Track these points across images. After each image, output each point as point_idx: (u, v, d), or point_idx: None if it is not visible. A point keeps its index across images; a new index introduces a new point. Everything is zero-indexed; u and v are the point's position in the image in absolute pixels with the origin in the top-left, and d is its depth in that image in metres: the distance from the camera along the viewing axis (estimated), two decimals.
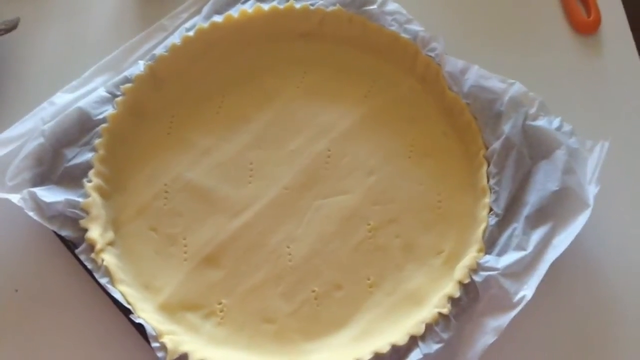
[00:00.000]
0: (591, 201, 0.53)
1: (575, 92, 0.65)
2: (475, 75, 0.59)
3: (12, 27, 0.62)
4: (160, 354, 0.49)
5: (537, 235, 0.53)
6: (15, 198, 0.55)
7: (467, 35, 0.68)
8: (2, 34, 0.61)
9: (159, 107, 0.62)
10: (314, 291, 0.55)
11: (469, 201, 0.58)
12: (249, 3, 0.64)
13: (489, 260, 0.53)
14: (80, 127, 0.59)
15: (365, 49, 0.64)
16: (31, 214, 0.54)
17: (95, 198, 0.55)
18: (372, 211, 0.58)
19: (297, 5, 0.63)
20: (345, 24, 0.64)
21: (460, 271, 0.53)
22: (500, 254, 0.53)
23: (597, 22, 0.68)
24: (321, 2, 0.64)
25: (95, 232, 0.54)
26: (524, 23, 0.69)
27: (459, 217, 0.57)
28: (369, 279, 0.55)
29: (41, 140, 0.57)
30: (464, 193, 0.58)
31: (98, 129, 0.58)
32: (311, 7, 0.63)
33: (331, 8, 0.63)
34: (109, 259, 0.53)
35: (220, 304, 0.54)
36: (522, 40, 0.68)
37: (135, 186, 0.58)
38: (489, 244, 0.54)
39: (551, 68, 0.66)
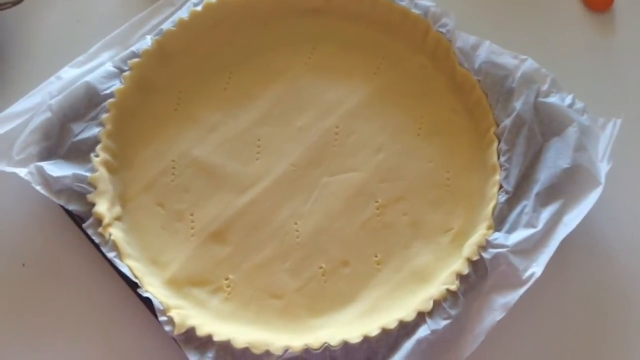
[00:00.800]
0: (603, 179, 0.52)
1: (588, 69, 0.65)
2: (487, 51, 0.58)
3: (18, 0, 0.62)
4: (167, 328, 0.49)
5: (547, 213, 0.53)
6: (22, 172, 0.55)
7: (478, 11, 0.67)
8: (9, 7, 0.61)
9: (166, 83, 0.61)
10: (321, 267, 0.55)
11: (479, 179, 0.57)
12: None
13: (498, 237, 0.52)
14: (88, 102, 0.58)
15: (374, 25, 0.63)
16: (38, 188, 0.54)
17: (102, 172, 0.55)
18: (380, 189, 0.57)
19: None
20: (354, 0, 0.63)
21: (469, 248, 0.52)
22: (509, 232, 0.53)
23: None
24: None
25: (103, 207, 0.54)
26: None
27: (468, 194, 0.57)
28: (376, 256, 0.55)
29: (48, 114, 0.57)
30: (474, 171, 0.58)
31: (105, 103, 0.58)
32: None
33: None
34: (116, 233, 0.53)
35: (227, 279, 0.54)
36: (534, 17, 0.67)
37: (143, 161, 0.58)
38: (499, 222, 0.54)
39: (563, 45, 0.65)
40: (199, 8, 0.62)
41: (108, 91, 0.59)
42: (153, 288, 0.52)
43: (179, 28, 0.61)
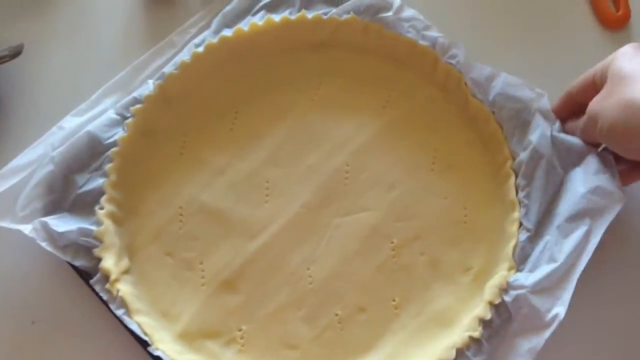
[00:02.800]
0: (622, 196, 0.50)
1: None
2: (503, 83, 0.56)
3: (16, 53, 0.60)
4: None
5: (570, 243, 0.50)
6: (27, 229, 0.53)
7: (490, 30, 0.65)
8: (7, 61, 0.60)
9: (170, 127, 0.60)
10: (337, 315, 0.53)
11: (497, 215, 0.55)
12: (259, 15, 0.62)
13: (519, 277, 0.50)
14: (91, 152, 0.57)
15: (382, 57, 0.62)
16: (43, 244, 0.53)
17: (108, 225, 0.54)
18: (395, 228, 0.55)
19: (309, 15, 0.61)
20: (360, 32, 0.61)
21: (489, 290, 0.50)
22: (532, 270, 0.51)
23: (627, 16, 0.65)
24: (334, 11, 0.61)
25: (110, 262, 0.52)
26: (550, 18, 0.66)
27: (487, 231, 0.55)
28: (394, 300, 0.53)
29: (51, 167, 0.56)
30: (491, 206, 0.56)
31: (109, 153, 0.57)
32: (324, 17, 0.61)
33: (345, 17, 0.61)
34: (124, 288, 0.52)
35: (240, 330, 0.53)
36: (549, 36, 0.65)
37: (149, 210, 0.57)
38: (521, 260, 0.52)
39: (578, 64, 0.62)
40: (200, 49, 0.60)
41: (111, 140, 0.57)
42: (164, 344, 0.50)
43: (181, 71, 0.60)
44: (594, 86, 0.51)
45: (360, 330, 0.52)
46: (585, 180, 0.51)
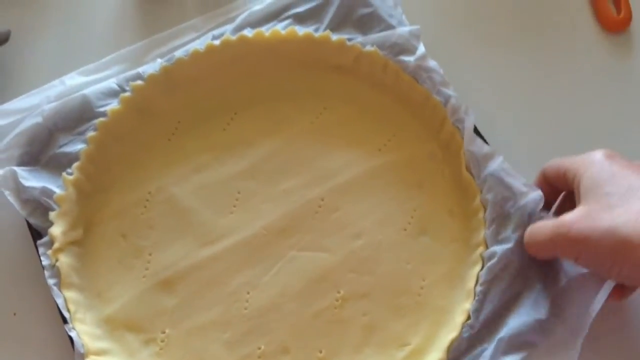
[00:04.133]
0: (578, 346, 0.46)
1: (604, 92, 0.62)
2: (498, 166, 0.53)
3: (2, 40, 0.59)
4: None
5: None
6: None
7: (488, 31, 0.64)
8: None
9: (165, 111, 0.59)
10: (259, 348, 0.51)
11: (452, 299, 0.52)
12: (285, 23, 0.60)
13: None
14: (80, 115, 0.57)
15: (393, 98, 0.59)
16: (7, 193, 0.54)
17: (70, 193, 0.54)
18: (347, 279, 0.53)
19: (333, 37, 0.59)
20: (379, 68, 0.58)
21: None
22: None
23: (628, 19, 0.64)
24: (359, 39, 0.59)
25: (59, 229, 0.53)
26: (550, 21, 0.65)
27: (437, 311, 0.52)
28: (320, 352, 0.51)
29: (39, 119, 0.56)
30: (450, 287, 0.53)
31: (95, 121, 0.57)
32: (348, 43, 0.58)
33: (368, 48, 0.58)
34: (65, 259, 0.52)
35: (163, 332, 0.52)
36: (548, 39, 0.64)
37: (119, 186, 0.57)
38: (455, 356, 0.49)
39: (578, 67, 0.63)
40: (216, 42, 0.59)
41: (102, 109, 0.57)
42: (84, 325, 0.50)
43: (191, 59, 0.59)
44: (566, 181, 0.49)
45: None
46: (545, 307, 0.48)
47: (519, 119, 0.61)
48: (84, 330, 0.50)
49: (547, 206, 0.51)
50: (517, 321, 0.48)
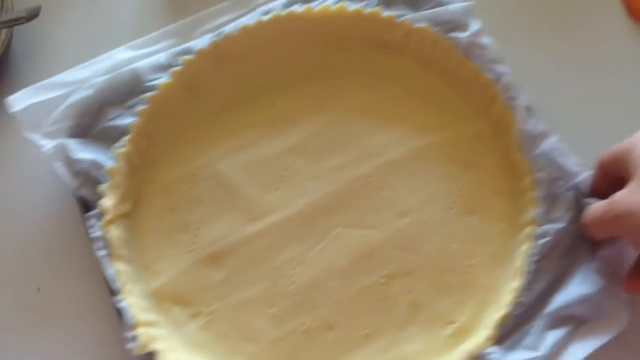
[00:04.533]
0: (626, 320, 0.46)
1: (632, 84, 0.61)
2: (552, 146, 0.52)
3: (33, 15, 0.59)
4: (130, 345, 0.49)
5: (552, 337, 0.47)
6: (48, 144, 0.55)
7: (518, 23, 0.63)
8: (24, 22, 0.59)
9: (214, 87, 0.59)
10: (304, 324, 0.52)
11: (500, 277, 0.52)
12: (333, 0, 0.60)
13: (493, 352, 0.47)
14: (129, 89, 0.57)
15: (442, 77, 0.58)
16: (58, 165, 0.55)
17: (121, 166, 0.55)
18: (393, 257, 0.53)
19: (383, 14, 0.58)
20: (429, 45, 0.57)
21: (460, 355, 0.48)
22: (509, 348, 0.48)
23: None
24: (410, 16, 0.58)
25: (110, 201, 0.53)
26: (579, 13, 0.64)
27: (484, 290, 0.52)
28: (365, 329, 0.51)
29: (90, 92, 0.57)
30: (498, 266, 0.52)
31: (145, 95, 0.57)
32: (397, 19, 0.58)
33: (419, 24, 0.57)
34: (116, 232, 0.53)
35: (209, 307, 0.53)
36: (577, 30, 0.63)
37: (167, 162, 0.57)
38: (503, 334, 0.48)
39: (608, 59, 0.62)
40: (265, 18, 0.59)
41: (152, 83, 0.57)
42: (133, 297, 0.51)
43: (241, 34, 0.59)
44: (620, 165, 0.48)
45: (322, 347, 0.51)
46: (592, 281, 0.47)
47: (570, 101, 0.60)
48: (133, 302, 0.51)
49: (605, 197, 0.50)
50: (564, 296, 0.48)
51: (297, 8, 0.59)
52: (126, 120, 0.57)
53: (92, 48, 0.61)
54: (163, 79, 0.58)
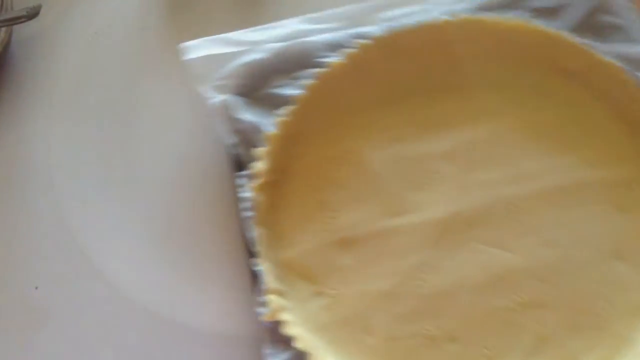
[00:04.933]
0: None
1: None
2: None
3: (34, 14, 0.60)
4: (260, 310, 0.50)
5: None
6: (217, 98, 0.56)
7: None
8: (24, 21, 0.59)
9: (381, 76, 0.59)
10: (427, 330, 0.51)
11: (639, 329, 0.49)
12: (518, 14, 0.58)
13: None
14: (298, 61, 0.58)
15: (618, 112, 0.56)
16: (218, 120, 0.56)
17: (279, 134, 0.55)
18: (529, 285, 0.52)
19: (569, 39, 0.56)
20: (615, 81, 0.55)
21: None
22: None
23: None
24: (598, 46, 0.56)
25: (263, 166, 0.54)
26: None
27: (618, 339, 0.50)
28: (487, 349, 0.51)
29: (262, 55, 0.58)
30: (638, 317, 0.50)
31: (314, 71, 0.57)
32: (585, 47, 0.56)
33: (605, 57, 0.55)
34: (262, 196, 0.54)
35: (334, 289, 0.53)
36: None
37: (318, 141, 0.57)
38: None
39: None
40: (447, 17, 0.58)
41: (322, 60, 0.58)
42: (268, 263, 0.52)
43: (422, 28, 0.58)
44: None
45: (441, 357, 0.50)
46: None
47: None
48: (267, 268, 0.52)
49: None
50: None
51: (484, 15, 0.58)
52: (290, 91, 0.57)
53: (92, 47, 0.61)
54: (335, 58, 0.58)
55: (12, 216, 0.59)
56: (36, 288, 0.56)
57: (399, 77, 0.59)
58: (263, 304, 0.50)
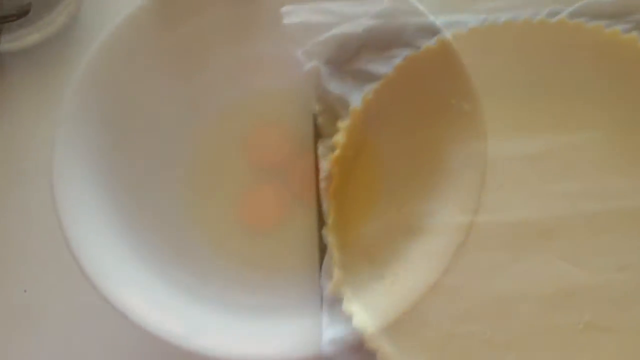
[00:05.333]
0: None
1: None
2: None
3: (23, 12, 0.58)
4: (323, 282, 0.49)
5: None
6: (310, 63, 0.56)
7: None
8: (14, 20, 0.57)
9: (473, 68, 0.57)
10: (484, 332, 0.50)
11: None
12: (623, 27, 0.56)
13: None
14: (391, 40, 0.57)
15: None
16: (311, 86, 0.55)
17: (362, 111, 0.55)
18: (597, 306, 0.50)
19: None
20: None
21: None
22: None
23: None
24: None
25: (343, 140, 0.53)
26: None
27: None
28: None
29: (358, 29, 0.57)
30: None
31: (405, 52, 0.56)
32: None
33: None
34: (338, 169, 0.53)
35: (395, 274, 0.52)
36: None
37: (391, 126, 0.56)
38: None
39: None
40: (545, 17, 0.56)
41: (413, 42, 0.56)
42: (336, 237, 0.51)
43: (518, 25, 0.56)
44: None
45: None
46: None
47: None
48: (333, 241, 0.51)
49: None
50: None
51: (587, 21, 0.56)
52: (379, 69, 0.56)
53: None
54: (428, 42, 0.56)
55: (0, 218, 0.58)
56: (25, 291, 0.56)
57: (488, 72, 0.57)
58: (329, 277, 0.49)
